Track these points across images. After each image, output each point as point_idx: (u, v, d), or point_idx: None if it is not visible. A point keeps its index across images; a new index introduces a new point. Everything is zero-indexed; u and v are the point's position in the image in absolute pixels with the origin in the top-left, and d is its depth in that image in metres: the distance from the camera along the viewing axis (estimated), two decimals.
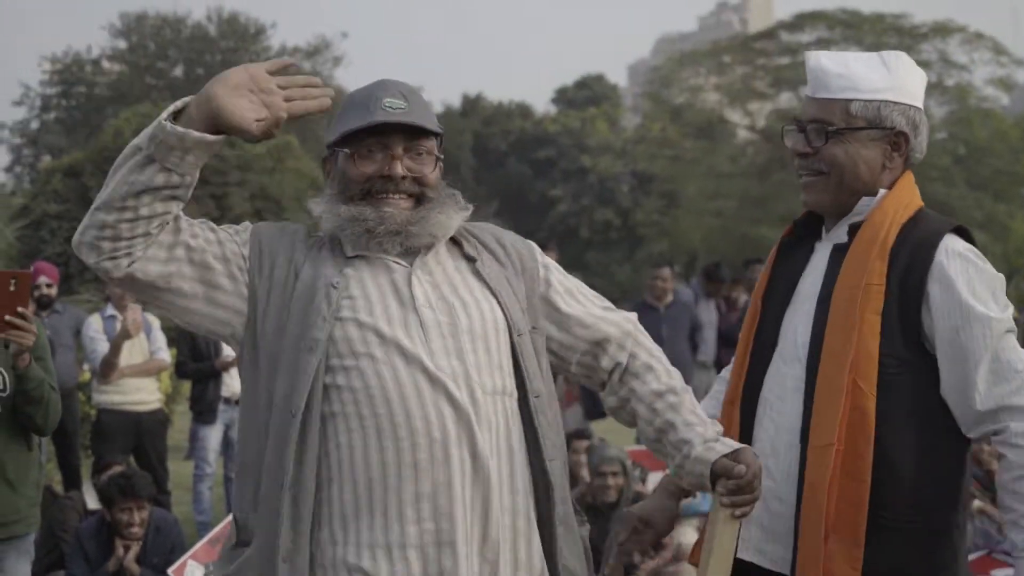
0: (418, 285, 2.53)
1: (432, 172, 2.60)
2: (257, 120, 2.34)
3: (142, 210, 2.35)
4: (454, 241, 2.66)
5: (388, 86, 2.61)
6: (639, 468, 7.81)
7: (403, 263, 2.56)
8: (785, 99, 43.20)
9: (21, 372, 4.32)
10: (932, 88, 39.47)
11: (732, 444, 2.57)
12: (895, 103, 2.93)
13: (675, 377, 2.73)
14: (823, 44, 40.45)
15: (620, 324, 2.75)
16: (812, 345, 2.82)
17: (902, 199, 2.92)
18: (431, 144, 2.61)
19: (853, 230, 2.90)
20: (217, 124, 2.34)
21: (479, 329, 2.52)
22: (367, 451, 2.40)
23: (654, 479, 8.29)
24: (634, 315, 2.83)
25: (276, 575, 2.37)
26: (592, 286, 2.88)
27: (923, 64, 26.10)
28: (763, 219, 36.79)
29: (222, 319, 2.52)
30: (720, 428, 2.67)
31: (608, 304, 2.81)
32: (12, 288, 4.19)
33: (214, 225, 2.56)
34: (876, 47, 38.75)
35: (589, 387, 2.86)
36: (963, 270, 2.76)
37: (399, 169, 2.54)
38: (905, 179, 2.97)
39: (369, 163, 2.55)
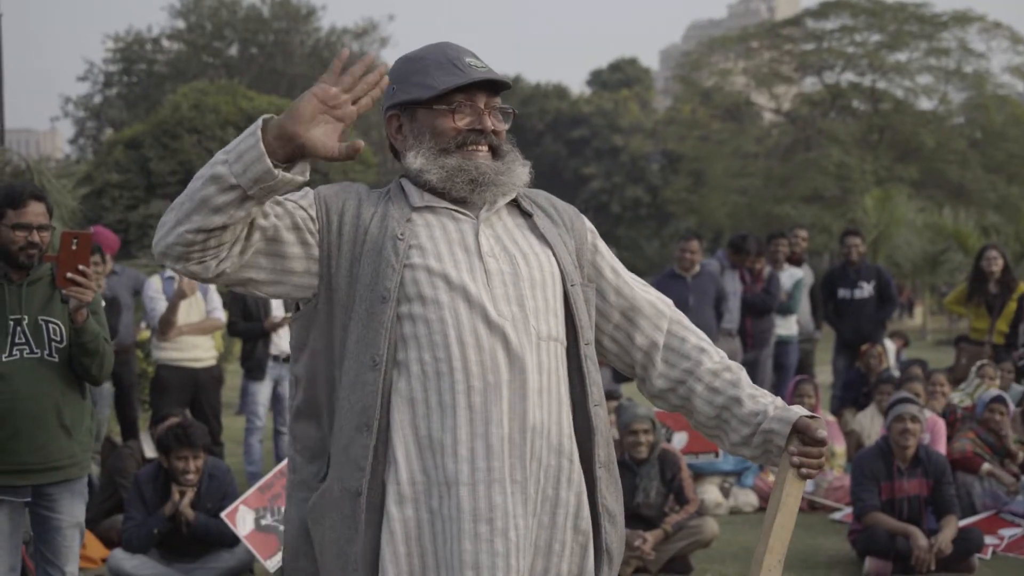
0: (484, 237, 2.56)
1: (506, 128, 2.67)
2: (339, 142, 2.34)
3: (230, 230, 2.35)
4: (513, 202, 2.68)
5: (460, 48, 2.65)
6: (664, 427, 7.83)
7: (470, 215, 2.58)
8: (809, 83, 43.07)
9: (79, 326, 4.36)
10: (951, 75, 39.29)
11: (806, 410, 2.63)
12: None
13: (725, 357, 2.74)
14: (847, 31, 40.26)
15: (655, 303, 2.74)
16: None
17: None
18: (504, 105, 2.67)
19: None
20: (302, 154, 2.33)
21: (538, 277, 2.55)
22: (427, 395, 2.45)
23: (679, 438, 8.32)
24: (670, 300, 2.81)
25: (354, 509, 2.42)
26: (622, 259, 2.86)
27: (942, 51, 26.03)
28: (786, 198, 36.72)
29: (301, 284, 2.53)
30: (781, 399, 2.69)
31: (646, 285, 2.80)
32: (73, 247, 4.24)
33: (279, 197, 2.50)
34: (897, 35, 38.66)
35: (622, 371, 2.80)
36: None
37: (488, 123, 2.60)
38: None
39: (462, 117, 2.58)
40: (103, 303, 4.73)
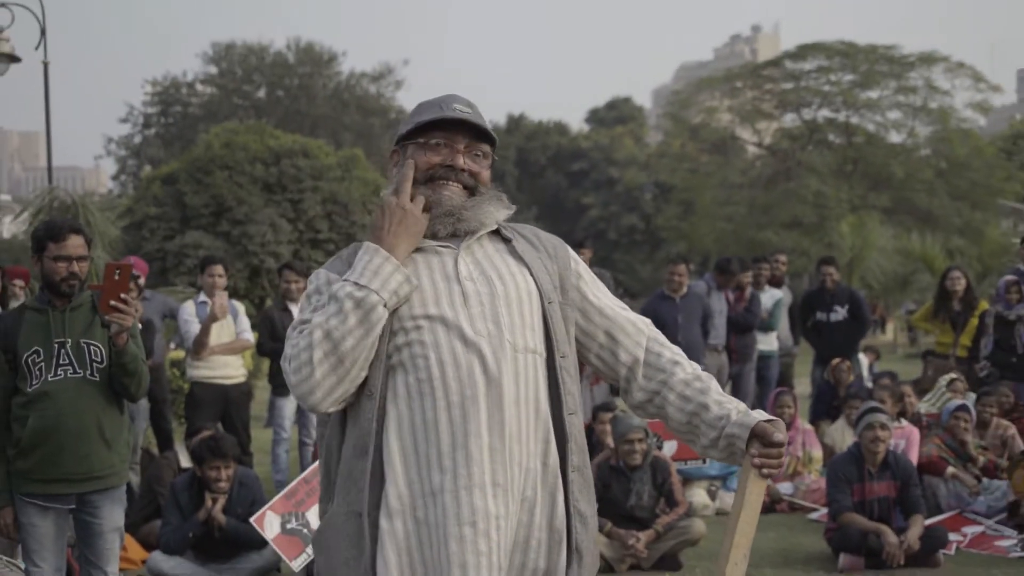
0: (462, 263, 2.58)
1: (485, 171, 2.67)
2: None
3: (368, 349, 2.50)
4: (496, 232, 2.70)
5: (456, 96, 2.69)
6: (656, 436, 7.85)
7: (451, 246, 2.60)
8: (789, 119, 43.06)
9: (120, 348, 4.39)
10: (918, 110, 39.27)
11: (766, 415, 2.60)
12: None
13: (699, 368, 2.72)
14: (823, 71, 40.28)
15: (635, 323, 2.72)
16: None
17: None
18: (486, 148, 2.68)
19: None
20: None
21: (514, 295, 2.55)
22: (412, 414, 2.47)
23: (669, 446, 8.33)
24: (648, 320, 2.79)
25: (358, 528, 2.44)
26: (617, 282, 2.90)
27: (910, 89, 25.94)
28: (768, 224, 36.70)
29: None
30: (745, 405, 2.67)
31: (625, 307, 2.79)
32: (116, 278, 4.27)
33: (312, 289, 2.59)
34: (869, 74, 38.72)
35: (609, 382, 2.85)
36: None
37: (460, 161, 2.61)
38: None
39: (435, 153, 2.62)
40: (139, 326, 4.76)
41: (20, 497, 4.39)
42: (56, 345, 4.39)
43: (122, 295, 4.28)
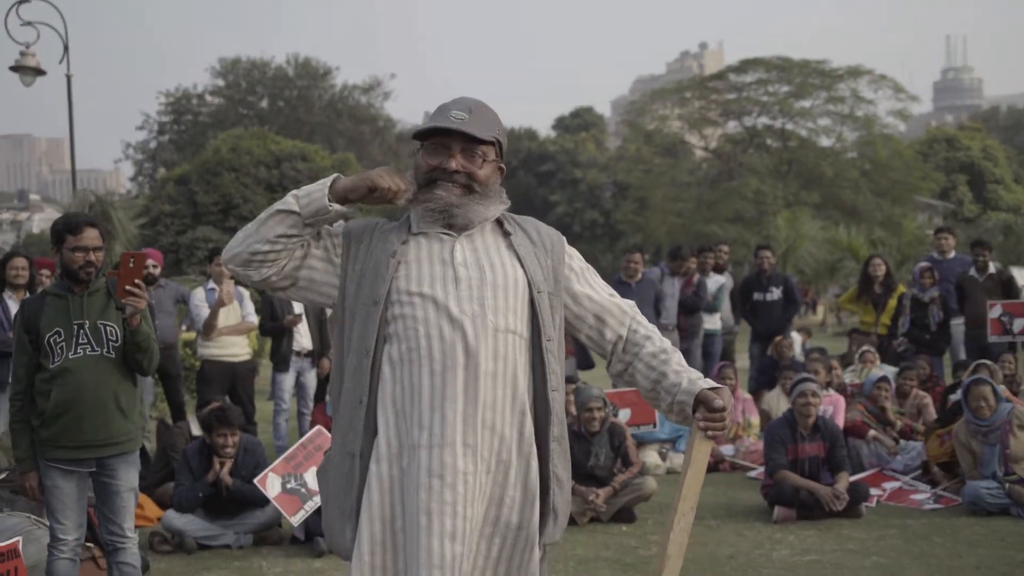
0: (459, 251, 2.59)
1: (481, 170, 2.61)
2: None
3: (285, 250, 2.55)
4: (500, 223, 2.68)
5: (461, 101, 2.65)
6: (612, 405, 7.88)
7: (453, 235, 2.61)
8: (732, 126, 43.17)
9: (134, 328, 4.39)
10: (845, 118, 39.43)
11: (713, 383, 2.60)
12: None
13: (667, 344, 2.72)
14: (762, 83, 40.36)
15: (620, 306, 2.72)
16: None
17: None
18: (486, 149, 2.62)
19: None
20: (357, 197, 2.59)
21: (501, 283, 2.56)
22: (401, 377, 2.51)
23: (623, 414, 8.37)
24: (633, 303, 2.79)
25: (351, 468, 2.52)
26: None
27: (838, 99, 25.99)
28: (713, 219, 36.84)
29: (324, 293, 2.65)
30: (702, 375, 2.66)
31: (614, 293, 2.78)
32: (131, 265, 4.27)
33: (320, 230, 2.66)
34: (802, 86, 38.82)
35: (600, 355, 2.78)
36: None
37: (453, 164, 2.58)
38: None
39: (433, 157, 2.60)
40: (148, 310, 4.74)
41: (44, 462, 4.37)
42: (76, 326, 4.37)
43: (136, 281, 4.28)
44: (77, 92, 18.12)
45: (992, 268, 11.13)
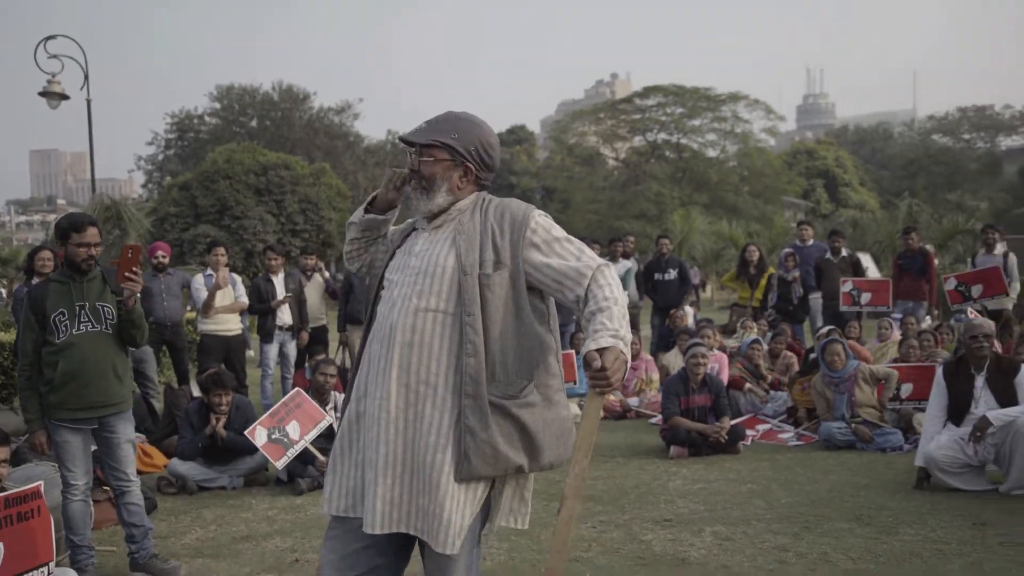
0: (420, 243, 2.56)
1: (430, 169, 2.52)
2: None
3: (359, 246, 2.83)
4: (468, 215, 2.54)
5: (434, 117, 2.60)
6: None
7: (424, 229, 2.61)
8: (637, 140, 43.42)
9: (130, 308, 4.28)
10: (727, 134, 39.82)
11: (604, 343, 2.27)
12: None
13: (610, 300, 2.39)
14: (661, 106, 40.64)
15: (579, 269, 2.44)
16: None
17: None
18: (436, 152, 2.52)
19: None
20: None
21: (429, 269, 2.47)
22: (369, 346, 2.57)
23: None
24: (606, 265, 2.48)
25: (348, 411, 2.59)
26: None
27: (722, 119, 26.11)
28: (623, 216, 37.10)
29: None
30: (617, 332, 2.31)
31: (584, 256, 2.48)
32: (129, 256, 4.16)
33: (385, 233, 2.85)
34: (693, 108, 39.04)
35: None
36: None
37: (415, 166, 2.56)
38: None
39: (405, 162, 2.65)
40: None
41: (53, 422, 4.26)
42: (78, 307, 4.24)
43: (134, 268, 4.18)
44: (96, 113, 17.71)
45: (844, 252, 11.29)
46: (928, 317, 10.93)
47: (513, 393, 2.43)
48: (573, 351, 9.07)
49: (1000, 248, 10.54)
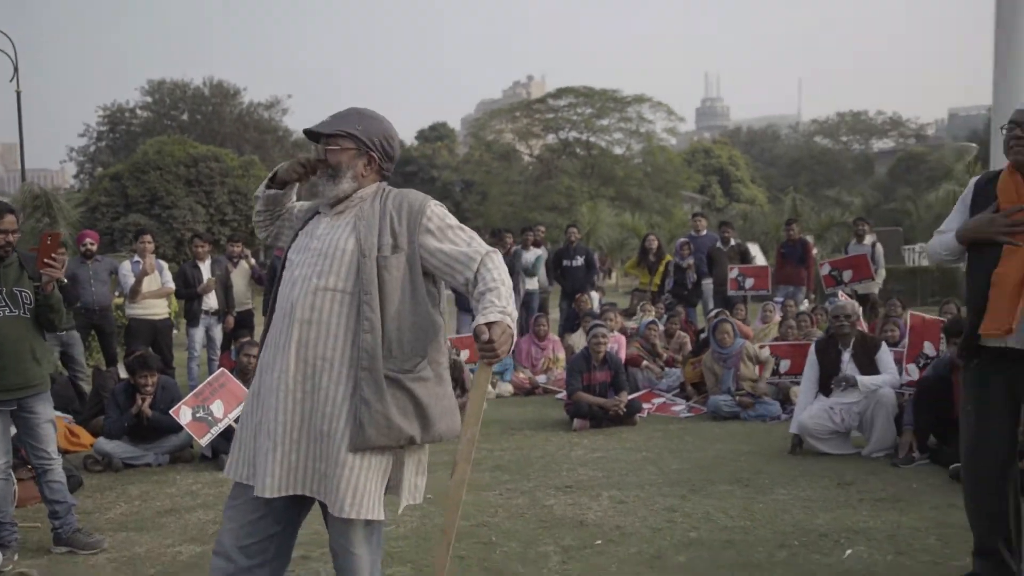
0: (321, 226, 2.53)
1: (335, 158, 2.52)
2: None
3: (265, 218, 2.82)
4: (369, 201, 2.53)
5: (342, 110, 2.61)
6: (454, 348, 7.84)
7: (327, 214, 2.59)
8: (550, 138, 43.59)
9: (48, 293, 4.11)
10: (632, 133, 40.28)
11: (493, 318, 2.27)
12: None
13: (497, 282, 2.40)
14: (572, 106, 40.87)
15: (469, 255, 2.44)
16: None
17: None
18: (343, 141, 2.52)
19: None
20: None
21: (330, 252, 2.45)
22: (274, 322, 2.53)
23: (464, 353, 8.36)
24: (494, 252, 2.49)
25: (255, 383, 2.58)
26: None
27: (628, 119, 26.33)
28: (536, 208, 37.26)
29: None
30: (504, 309, 2.31)
31: (474, 243, 2.49)
32: (48, 243, 4.01)
33: (292, 205, 2.82)
34: (602, 109, 39.34)
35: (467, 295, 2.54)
36: None
37: (320, 155, 2.56)
38: None
39: (312, 152, 2.62)
40: (64, 280, 4.44)
41: None
42: None
43: (53, 255, 4.02)
44: (27, 105, 16.94)
45: (733, 242, 11.59)
46: (806, 300, 11.31)
47: (408, 368, 2.43)
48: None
49: (869, 239, 10.97)
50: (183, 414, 6.02)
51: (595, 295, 14.01)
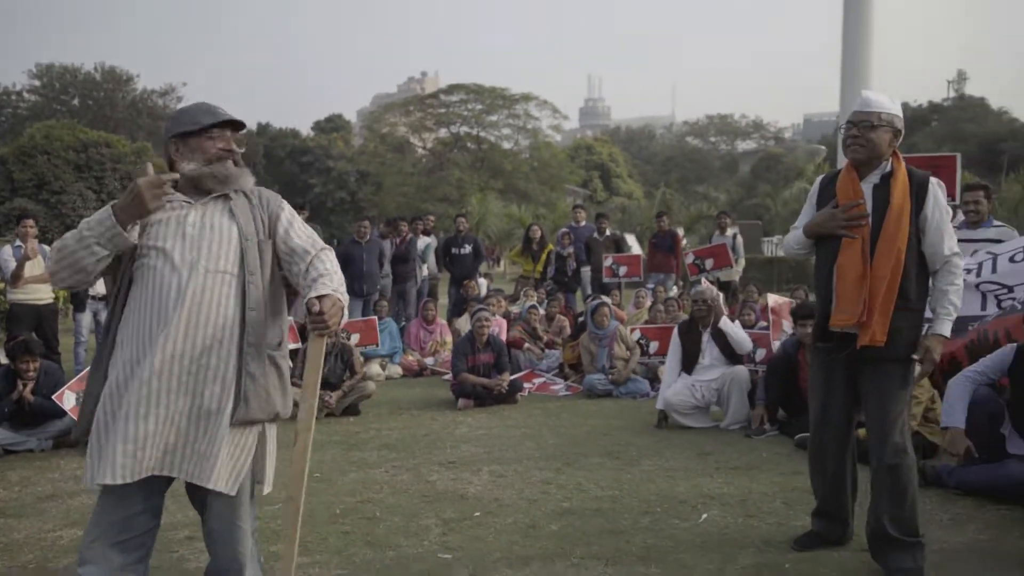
0: (192, 215, 2.43)
1: (239, 152, 2.56)
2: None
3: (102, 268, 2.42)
4: (225, 195, 2.51)
5: (212, 105, 2.55)
6: (346, 332, 7.68)
7: (191, 202, 2.47)
8: (443, 132, 43.32)
9: None
10: (520, 129, 40.44)
11: (323, 291, 2.33)
12: (896, 115, 3.28)
13: (330, 271, 2.45)
14: (463, 102, 40.72)
15: (307, 248, 2.49)
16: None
17: (902, 162, 3.29)
18: (239, 137, 2.57)
19: (886, 177, 3.25)
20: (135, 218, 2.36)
21: (215, 236, 2.42)
22: (139, 309, 2.37)
23: (355, 337, 8.20)
24: (328, 249, 2.55)
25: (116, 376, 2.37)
26: (328, 236, 2.69)
27: (516, 116, 26.30)
28: (428, 199, 36.99)
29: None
30: (336, 289, 2.36)
31: (314, 239, 2.55)
32: None
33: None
34: (491, 105, 39.32)
35: (296, 284, 2.54)
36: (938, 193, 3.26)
37: (234, 146, 2.52)
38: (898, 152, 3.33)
39: (220, 141, 2.48)
40: None
41: None
42: None
43: None
44: None
45: (608, 232, 11.80)
46: (675, 287, 11.66)
47: (275, 344, 2.49)
48: (376, 316, 8.98)
49: (731, 231, 11.39)
50: (67, 399, 5.69)
51: (483, 281, 14.11)
